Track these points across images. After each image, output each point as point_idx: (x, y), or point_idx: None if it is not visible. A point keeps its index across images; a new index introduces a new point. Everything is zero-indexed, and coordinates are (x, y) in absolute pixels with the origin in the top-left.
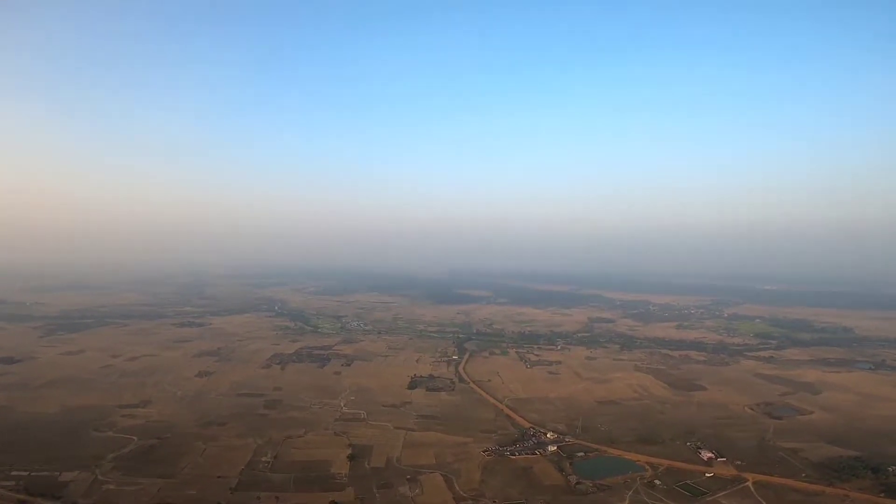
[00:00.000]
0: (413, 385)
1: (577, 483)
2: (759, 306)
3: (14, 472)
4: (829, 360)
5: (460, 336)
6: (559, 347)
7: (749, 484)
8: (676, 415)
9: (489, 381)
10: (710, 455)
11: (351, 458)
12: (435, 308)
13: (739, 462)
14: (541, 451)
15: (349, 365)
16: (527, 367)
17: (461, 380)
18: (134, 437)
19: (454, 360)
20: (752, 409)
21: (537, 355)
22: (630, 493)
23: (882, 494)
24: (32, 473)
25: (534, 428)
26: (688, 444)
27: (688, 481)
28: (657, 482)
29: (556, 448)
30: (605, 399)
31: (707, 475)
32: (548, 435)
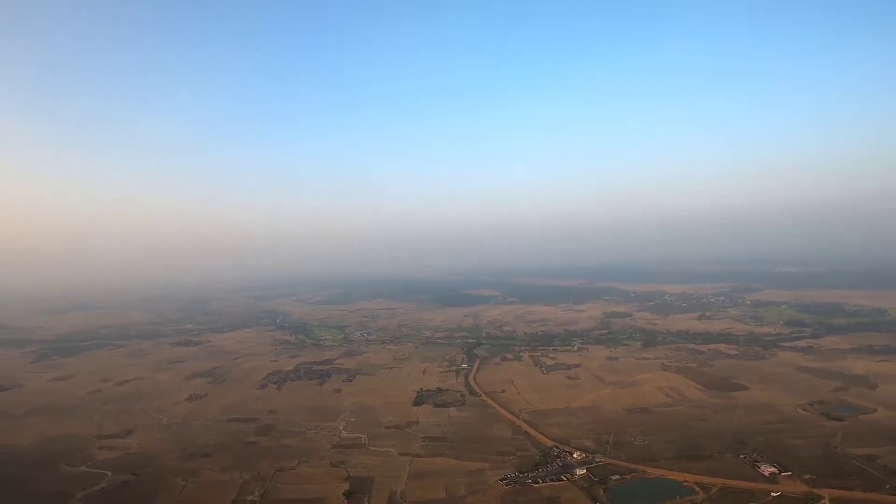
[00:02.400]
0: (419, 401)
1: None
2: (782, 291)
3: None
4: (874, 348)
5: (469, 341)
6: (576, 348)
7: (826, 502)
8: (720, 421)
9: (503, 391)
10: (771, 470)
11: (348, 494)
12: (442, 312)
13: (809, 476)
14: (568, 475)
15: (350, 380)
16: (543, 372)
17: (472, 392)
18: (108, 473)
19: (463, 368)
20: (805, 410)
21: (553, 358)
22: None
23: None
24: None
25: (557, 447)
26: (741, 456)
27: None
28: None
29: (585, 471)
30: (635, 406)
31: (773, 494)
32: (574, 455)
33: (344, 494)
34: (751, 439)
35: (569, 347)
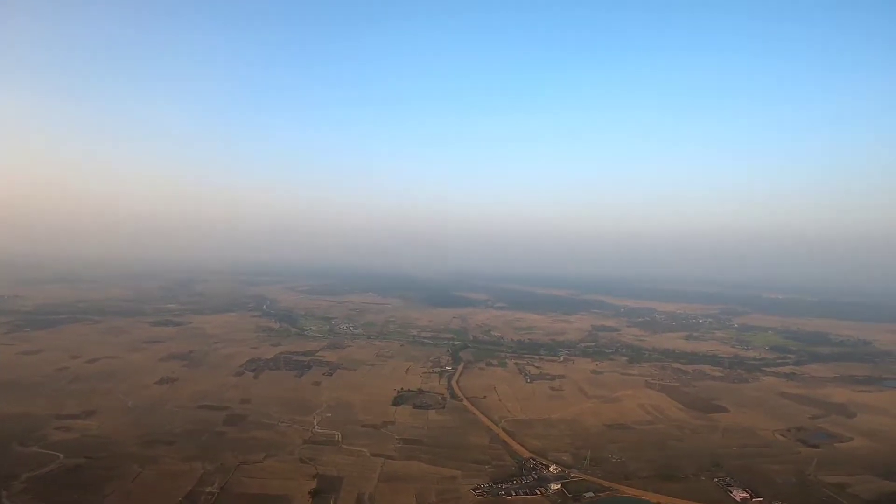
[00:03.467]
0: (399, 401)
1: None
2: (770, 316)
3: None
4: (856, 378)
5: (455, 343)
6: (562, 359)
7: None
8: (698, 442)
9: (484, 397)
10: (743, 495)
11: (314, 493)
12: (430, 311)
13: (780, 503)
14: (542, 489)
15: (331, 374)
16: (526, 381)
17: (453, 395)
18: (60, 455)
19: (447, 371)
20: (783, 436)
21: (538, 367)
22: None
23: None
24: None
25: (534, 459)
26: (715, 479)
27: None
28: None
29: (560, 486)
30: (615, 422)
31: None
32: (550, 468)
33: (310, 493)
34: (727, 462)
35: (555, 358)
